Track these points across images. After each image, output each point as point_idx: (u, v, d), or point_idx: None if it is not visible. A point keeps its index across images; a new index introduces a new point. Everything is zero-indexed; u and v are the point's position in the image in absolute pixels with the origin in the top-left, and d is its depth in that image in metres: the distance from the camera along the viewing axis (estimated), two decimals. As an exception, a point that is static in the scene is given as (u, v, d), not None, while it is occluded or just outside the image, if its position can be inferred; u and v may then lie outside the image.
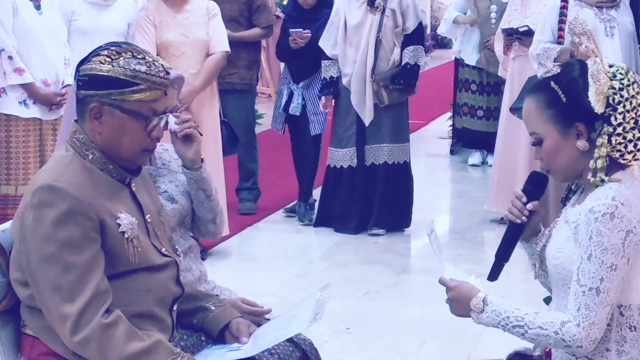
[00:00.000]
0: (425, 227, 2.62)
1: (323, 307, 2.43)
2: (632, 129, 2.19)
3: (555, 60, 5.01)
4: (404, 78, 5.79)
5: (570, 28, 2.19)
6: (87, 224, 2.23)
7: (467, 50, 7.75)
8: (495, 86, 7.56)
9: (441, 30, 8.04)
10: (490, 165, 7.05)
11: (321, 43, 5.91)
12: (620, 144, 2.19)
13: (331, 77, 5.91)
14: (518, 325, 2.20)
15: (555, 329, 2.16)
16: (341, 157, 5.97)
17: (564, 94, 2.23)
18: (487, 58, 7.45)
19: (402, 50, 5.83)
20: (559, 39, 5.14)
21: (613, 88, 2.19)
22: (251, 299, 2.85)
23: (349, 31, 5.87)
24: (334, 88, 5.92)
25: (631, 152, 2.20)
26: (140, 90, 2.29)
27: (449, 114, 8.77)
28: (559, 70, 2.28)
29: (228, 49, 5.37)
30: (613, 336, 2.20)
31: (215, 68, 5.29)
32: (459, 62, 8.04)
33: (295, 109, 6.13)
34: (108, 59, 2.30)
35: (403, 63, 5.80)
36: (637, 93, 2.20)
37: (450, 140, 8.65)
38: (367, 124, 5.85)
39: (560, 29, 5.09)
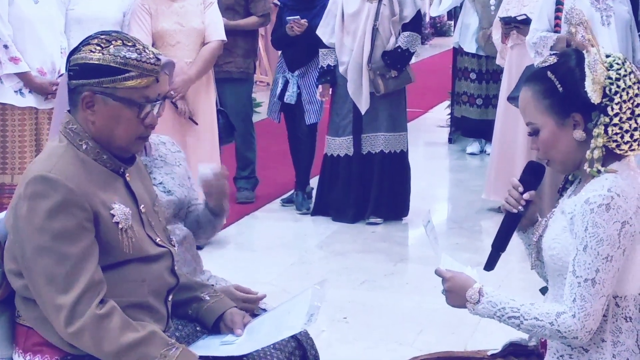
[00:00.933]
0: (422, 216, 2.62)
1: (319, 304, 2.41)
2: (629, 119, 2.18)
3: (551, 48, 5.00)
4: (391, 59, 5.78)
5: (567, 18, 2.17)
6: (81, 214, 2.22)
7: (466, 38, 7.72)
8: (495, 74, 7.53)
9: (433, 14, 7.95)
10: (489, 154, 7.04)
11: (319, 31, 5.90)
12: (616, 134, 2.18)
13: (328, 65, 5.90)
14: (514, 316, 2.20)
15: (551, 320, 2.16)
16: (338, 145, 5.96)
17: (561, 84, 2.22)
18: (483, 38, 7.42)
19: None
20: (556, 28, 5.12)
21: (610, 78, 2.18)
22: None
23: (346, 19, 5.85)
24: (331, 76, 5.91)
25: (627, 142, 2.19)
26: (131, 77, 2.28)
27: (447, 102, 8.76)
28: (555, 60, 2.27)
29: (224, 37, 5.36)
30: (609, 327, 2.19)
31: (210, 57, 5.27)
32: (457, 51, 8.02)
33: (290, 97, 6.12)
34: (98, 48, 2.29)
35: (395, 46, 5.79)
36: (634, 83, 2.20)
37: (449, 128, 8.63)
38: (363, 112, 5.84)
39: (557, 17, 5.08)
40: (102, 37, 2.33)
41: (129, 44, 2.31)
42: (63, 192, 2.21)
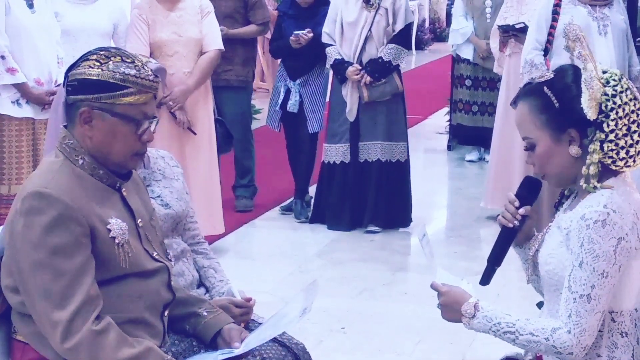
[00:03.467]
0: (418, 229, 2.62)
1: (312, 300, 2.43)
2: (625, 135, 2.18)
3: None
4: (371, 68, 5.79)
5: (565, 33, 2.19)
6: (77, 229, 2.22)
7: (463, 45, 7.71)
8: (491, 82, 7.53)
9: (456, 42, 7.84)
10: (488, 162, 7.04)
11: (323, 38, 5.92)
12: (612, 150, 2.19)
13: (335, 59, 5.86)
14: (509, 332, 2.20)
15: (546, 335, 2.16)
16: (334, 152, 5.97)
17: (557, 100, 2.22)
18: (481, 57, 7.44)
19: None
20: (549, 37, 5.12)
21: (606, 94, 2.18)
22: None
23: (345, 28, 5.88)
24: (343, 69, 5.85)
25: (623, 158, 2.19)
26: (130, 93, 2.29)
27: (447, 109, 8.76)
28: (552, 76, 2.27)
29: (222, 47, 5.36)
30: (604, 342, 2.19)
31: (208, 67, 5.28)
32: (455, 59, 8.01)
33: (292, 106, 6.12)
34: (97, 63, 2.30)
35: (377, 56, 5.80)
36: (630, 100, 2.20)
37: (448, 135, 8.63)
38: (350, 119, 5.86)
39: (552, 27, 5.08)
40: (101, 53, 2.33)
41: (128, 60, 2.31)
42: (59, 208, 2.21)
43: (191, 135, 5.23)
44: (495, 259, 2.40)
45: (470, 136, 7.92)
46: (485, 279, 2.41)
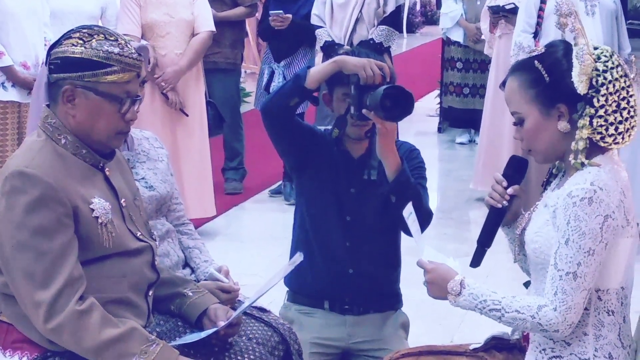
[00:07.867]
0: (408, 203, 2.60)
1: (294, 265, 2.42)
2: (614, 112, 2.17)
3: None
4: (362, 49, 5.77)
5: (557, 8, 2.17)
6: (60, 209, 2.21)
7: (453, 28, 7.69)
8: (482, 64, 7.52)
9: (446, 25, 7.81)
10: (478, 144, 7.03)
11: (313, 20, 5.90)
12: (601, 126, 2.17)
13: (326, 41, 5.85)
14: (495, 309, 2.19)
15: (532, 313, 2.15)
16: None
17: (548, 74, 2.20)
18: (471, 38, 7.42)
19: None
20: (539, 19, 5.11)
21: (597, 70, 2.17)
22: (236, 279, 2.86)
23: (335, 9, 5.86)
24: (333, 51, 5.84)
25: (612, 135, 2.18)
26: (113, 71, 2.27)
27: (437, 91, 8.75)
28: (543, 50, 2.26)
29: (213, 28, 5.34)
30: (591, 320, 2.19)
31: (200, 48, 5.26)
32: (446, 42, 7.99)
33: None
34: (80, 41, 2.28)
35: (368, 38, 5.79)
36: (621, 76, 2.18)
37: (439, 118, 8.62)
38: None
39: (541, 9, 5.06)
40: (84, 31, 2.31)
41: (111, 38, 2.29)
42: (41, 187, 2.20)
43: (183, 117, 5.22)
44: (485, 240, 2.38)
45: (461, 118, 7.92)
46: (476, 261, 2.40)
